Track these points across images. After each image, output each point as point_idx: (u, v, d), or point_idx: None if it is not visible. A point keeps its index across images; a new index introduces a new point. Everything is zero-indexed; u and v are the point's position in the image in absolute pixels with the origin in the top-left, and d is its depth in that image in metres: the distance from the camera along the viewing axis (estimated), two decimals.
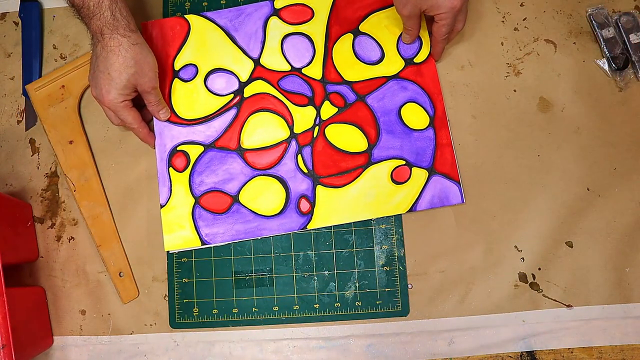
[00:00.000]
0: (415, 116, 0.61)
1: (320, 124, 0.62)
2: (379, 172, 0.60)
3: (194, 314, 0.59)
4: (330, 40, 0.64)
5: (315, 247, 0.60)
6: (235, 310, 0.59)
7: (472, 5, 0.63)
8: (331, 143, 0.61)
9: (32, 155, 0.64)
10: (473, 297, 0.58)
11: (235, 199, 0.60)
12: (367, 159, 0.60)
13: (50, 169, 0.64)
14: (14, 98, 0.66)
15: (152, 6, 0.67)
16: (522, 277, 0.58)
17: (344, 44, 0.63)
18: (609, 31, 0.62)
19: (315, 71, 0.63)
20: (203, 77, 0.63)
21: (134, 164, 0.63)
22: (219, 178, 0.61)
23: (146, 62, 0.55)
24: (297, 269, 0.59)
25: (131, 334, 0.60)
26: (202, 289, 0.60)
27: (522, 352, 0.57)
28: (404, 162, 0.60)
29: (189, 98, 0.63)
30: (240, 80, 0.63)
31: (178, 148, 0.62)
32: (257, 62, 0.64)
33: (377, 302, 0.58)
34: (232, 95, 0.63)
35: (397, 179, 0.60)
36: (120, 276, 0.60)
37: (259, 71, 0.63)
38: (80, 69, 0.64)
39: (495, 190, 0.60)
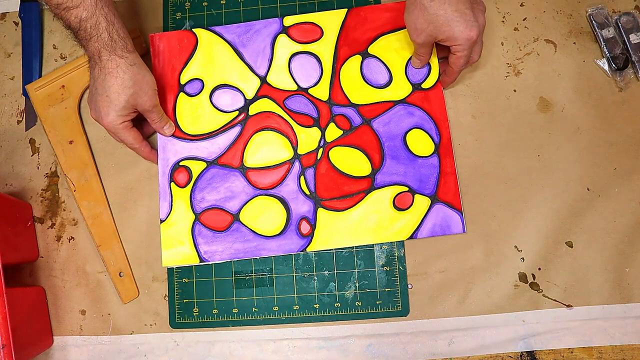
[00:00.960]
0: (421, 143, 0.60)
1: (325, 146, 0.61)
2: (381, 198, 0.59)
3: (194, 314, 0.59)
4: (338, 61, 0.63)
5: None
6: (235, 310, 0.59)
7: None
8: (334, 166, 0.60)
9: (32, 155, 0.64)
10: (473, 297, 0.58)
11: (235, 217, 0.60)
12: (370, 184, 0.60)
13: (50, 169, 0.64)
14: (14, 98, 0.66)
15: (153, 7, 0.67)
16: (522, 277, 0.58)
17: (352, 65, 0.63)
18: (609, 31, 0.62)
19: (321, 92, 0.62)
20: (209, 93, 0.63)
21: (134, 164, 0.63)
22: (221, 195, 0.60)
23: (145, 82, 0.55)
24: (297, 269, 0.59)
25: (131, 334, 0.60)
26: (202, 289, 0.60)
27: (522, 352, 0.57)
28: (406, 189, 0.59)
29: (193, 113, 0.62)
30: (246, 97, 0.63)
31: (181, 163, 0.61)
32: (263, 79, 0.63)
33: (377, 302, 0.58)
34: (237, 113, 0.62)
35: (400, 205, 0.59)
36: (120, 276, 0.60)
37: (265, 89, 0.63)
38: (80, 69, 0.64)
39: (495, 190, 0.60)
